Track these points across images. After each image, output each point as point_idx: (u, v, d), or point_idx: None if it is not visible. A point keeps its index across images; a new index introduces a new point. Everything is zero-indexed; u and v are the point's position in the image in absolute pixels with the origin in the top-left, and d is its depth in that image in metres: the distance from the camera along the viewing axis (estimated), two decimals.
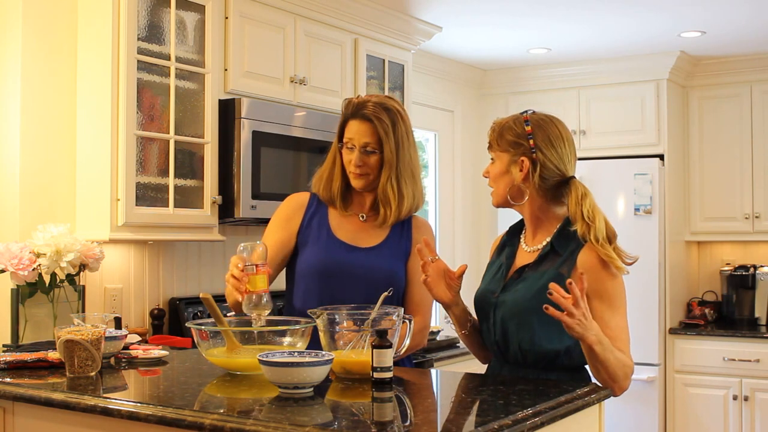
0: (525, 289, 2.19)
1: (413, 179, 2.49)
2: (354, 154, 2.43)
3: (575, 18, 4.48)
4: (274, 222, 2.55)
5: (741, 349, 5.01)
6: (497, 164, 2.25)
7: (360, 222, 2.52)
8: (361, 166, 2.42)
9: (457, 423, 1.78)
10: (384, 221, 2.47)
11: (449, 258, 5.53)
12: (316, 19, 3.81)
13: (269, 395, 1.90)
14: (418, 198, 2.52)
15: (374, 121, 2.41)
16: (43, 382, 2.13)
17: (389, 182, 2.43)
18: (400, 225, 2.51)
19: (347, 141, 2.45)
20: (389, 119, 2.43)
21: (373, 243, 2.48)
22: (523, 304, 2.17)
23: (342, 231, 2.50)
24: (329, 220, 2.52)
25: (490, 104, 5.82)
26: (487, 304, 2.26)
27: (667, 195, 5.23)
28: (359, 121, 2.43)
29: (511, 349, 2.20)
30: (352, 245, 2.47)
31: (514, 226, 2.39)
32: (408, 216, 2.50)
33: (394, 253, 2.47)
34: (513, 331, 2.18)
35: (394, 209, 2.45)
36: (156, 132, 3.13)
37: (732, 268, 5.41)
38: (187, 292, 3.58)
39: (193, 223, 3.25)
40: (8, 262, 2.65)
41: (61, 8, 3.11)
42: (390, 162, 2.43)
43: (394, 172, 2.43)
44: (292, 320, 2.29)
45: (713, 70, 5.41)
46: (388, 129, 2.42)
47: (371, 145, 2.42)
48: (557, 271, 2.15)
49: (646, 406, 5.10)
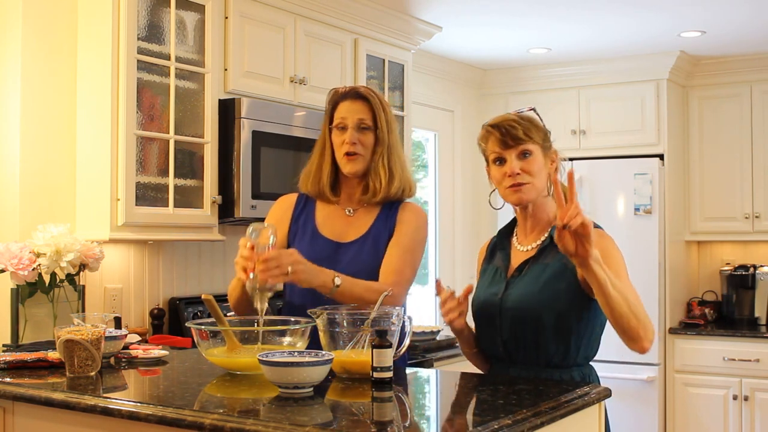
0: (530, 283, 2.18)
1: (402, 163, 2.49)
2: (347, 133, 2.41)
3: (575, 18, 4.48)
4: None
5: (741, 348, 5.01)
6: (536, 157, 2.19)
7: (346, 216, 2.50)
8: (356, 144, 2.40)
9: (456, 423, 1.78)
10: (373, 196, 2.45)
11: (449, 258, 5.53)
12: (316, 19, 3.81)
13: (269, 395, 1.90)
14: (407, 182, 2.49)
15: (368, 97, 2.43)
16: (43, 382, 2.13)
17: (381, 159, 2.43)
18: (387, 209, 2.48)
19: (339, 122, 2.43)
20: (380, 100, 2.45)
21: (358, 235, 2.46)
22: (531, 299, 2.15)
23: (327, 228, 2.49)
24: (315, 217, 2.51)
25: (490, 104, 5.82)
26: (491, 306, 2.23)
27: (667, 195, 5.23)
28: (352, 101, 2.43)
29: (522, 347, 2.18)
30: (336, 241, 2.45)
31: (503, 230, 2.37)
32: (396, 197, 2.47)
33: (378, 240, 2.44)
34: (523, 326, 2.16)
35: (384, 185, 2.43)
36: (156, 132, 3.14)
37: (732, 268, 5.41)
38: (187, 292, 3.59)
39: (193, 223, 3.25)
40: (8, 262, 2.65)
41: (61, 8, 3.11)
42: (383, 139, 2.43)
43: (386, 149, 2.43)
44: (292, 320, 2.29)
45: (713, 70, 5.41)
46: (380, 107, 2.43)
47: (366, 121, 2.42)
48: (561, 262, 2.14)
49: (646, 406, 5.10)
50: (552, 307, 2.12)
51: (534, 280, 2.17)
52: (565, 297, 2.13)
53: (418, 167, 5.43)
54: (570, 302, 2.13)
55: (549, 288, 2.14)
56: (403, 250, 2.42)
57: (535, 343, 2.16)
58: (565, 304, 2.13)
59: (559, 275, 2.14)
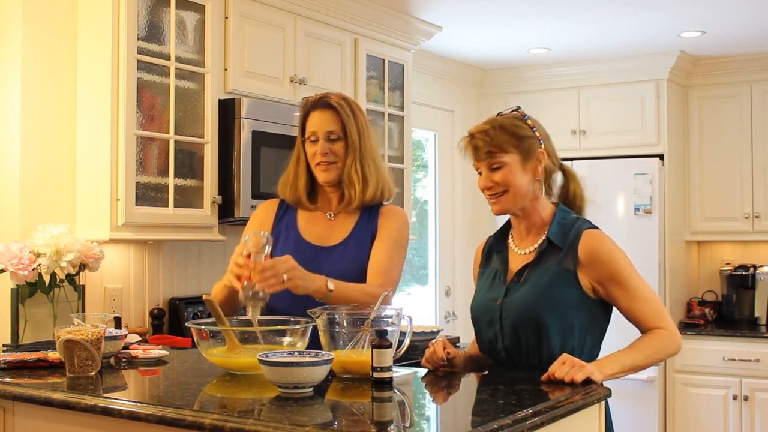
0: (530, 288, 2.17)
1: (377, 167, 2.50)
2: (319, 145, 2.45)
3: (575, 18, 4.48)
4: (250, 229, 2.56)
5: (741, 349, 5.01)
6: (509, 167, 2.17)
7: (328, 220, 2.52)
8: (327, 153, 2.44)
9: (456, 423, 1.78)
10: (349, 204, 2.48)
11: (449, 258, 5.53)
12: (316, 19, 3.81)
13: (269, 395, 1.90)
14: (383, 185, 2.51)
15: (336, 107, 2.46)
16: (43, 382, 2.12)
17: (353, 166, 2.45)
18: (367, 213, 2.51)
19: (310, 134, 2.47)
20: (349, 107, 2.48)
21: (340, 239, 2.48)
22: (532, 305, 2.14)
23: (309, 232, 2.51)
24: (297, 222, 2.54)
25: (490, 104, 5.81)
26: (491, 311, 2.22)
27: (667, 195, 5.23)
28: (321, 111, 2.47)
29: (524, 352, 2.17)
30: (319, 245, 2.48)
31: (498, 232, 2.37)
32: (373, 201, 2.50)
33: (360, 243, 2.47)
34: (525, 333, 2.15)
35: (359, 192, 2.45)
36: (156, 132, 3.14)
37: (732, 268, 5.41)
38: (187, 291, 3.59)
39: (193, 222, 3.25)
40: (8, 262, 2.65)
41: (61, 8, 3.11)
42: (354, 146, 2.45)
43: (358, 156, 2.46)
44: (292, 320, 2.29)
45: (713, 70, 5.41)
46: (349, 114, 2.46)
47: (336, 132, 2.45)
48: (561, 266, 2.15)
49: (646, 406, 5.10)
50: (554, 312, 2.13)
51: (534, 286, 2.17)
52: (566, 301, 2.14)
53: (418, 167, 5.43)
54: (571, 306, 2.14)
55: (549, 293, 2.14)
56: (388, 251, 2.45)
57: (538, 348, 2.15)
58: (567, 308, 2.13)
59: (559, 279, 2.14)
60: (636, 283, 2.15)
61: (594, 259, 2.13)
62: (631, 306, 2.14)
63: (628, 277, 2.14)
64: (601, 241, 2.16)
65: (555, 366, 2.01)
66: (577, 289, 2.13)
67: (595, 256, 2.13)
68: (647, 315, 2.14)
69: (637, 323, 2.16)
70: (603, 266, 2.13)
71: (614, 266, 2.13)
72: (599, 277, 2.13)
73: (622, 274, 2.14)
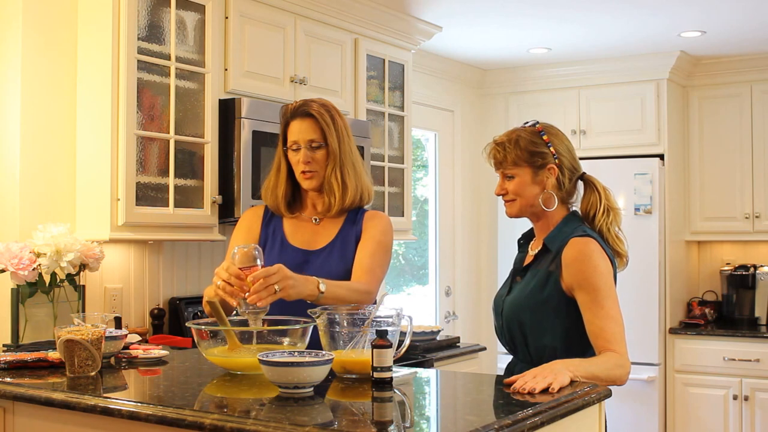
0: (520, 289, 2.34)
1: (356, 172, 2.54)
2: (301, 153, 2.49)
3: (575, 18, 4.48)
4: (237, 234, 2.59)
5: (741, 348, 5.01)
6: (520, 178, 2.33)
7: (314, 225, 2.57)
8: (309, 162, 2.48)
9: (456, 423, 1.78)
10: (328, 210, 2.52)
11: (449, 257, 5.53)
12: (316, 19, 3.81)
13: (269, 395, 1.91)
14: (363, 190, 2.55)
15: (316, 115, 2.49)
16: (43, 382, 2.13)
17: (333, 173, 2.50)
18: (352, 217, 2.56)
19: (292, 143, 2.51)
20: (329, 114, 2.51)
21: (325, 242, 2.53)
22: (518, 304, 2.31)
23: (296, 237, 2.55)
24: (284, 227, 2.57)
25: (490, 104, 5.82)
26: (498, 305, 2.42)
27: (667, 195, 5.23)
28: (301, 120, 2.50)
29: (518, 347, 2.34)
30: (305, 250, 2.52)
31: (525, 234, 2.51)
32: (352, 206, 2.55)
33: (346, 246, 2.52)
34: (515, 329, 2.32)
35: (338, 198, 2.50)
36: (156, 132, 3.14)
37: (732, 268, 5.41)
38: (187, 291, 3.59)
39: (193, 223, 3.25)
40: (8, 262, 2.65)
41: (61, 8, 3.11)
42: (334, 153, 2.49)
43: (338, 163, 2.50)
44: (292, 320, 2.29)
45: (713, 70, 5.41)
46: (329, 122, 2.50)
47: (316, 140, 2.49)
48: (548, 269, 2.28)
49: (646, 405, 5.10)
50: (536, 313, 2.26)
51: (523, 287, 2.33)
52: (549, 303, 2.25)
53: (418, 167, 5.43)
54: (553, 308, 2.25)
55: (534, 294, 2.28)
56: (372, 251, 2.50)
57: (525, 344, 2.30)
58: (549, 309, 2.25)
59: (545, 282, 2.27)
60: (605, 301, 2.18)
61: (571, 263, 2.22)
62: (593, 319, 2.17)
63: (598, 290, 2.18)
64: (584, 248, 2.23)
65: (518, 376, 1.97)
66: (559, 292, 2.24)
67: (572, 260, 2.22)
68: (606, 334, 2.15)
69: (594, 339, 2.18)
70: (576, 271, 2.21)
71: (587, 274, 2.19)
72: (572, 281, 2.22)
73: (592, 285, 2.18)
